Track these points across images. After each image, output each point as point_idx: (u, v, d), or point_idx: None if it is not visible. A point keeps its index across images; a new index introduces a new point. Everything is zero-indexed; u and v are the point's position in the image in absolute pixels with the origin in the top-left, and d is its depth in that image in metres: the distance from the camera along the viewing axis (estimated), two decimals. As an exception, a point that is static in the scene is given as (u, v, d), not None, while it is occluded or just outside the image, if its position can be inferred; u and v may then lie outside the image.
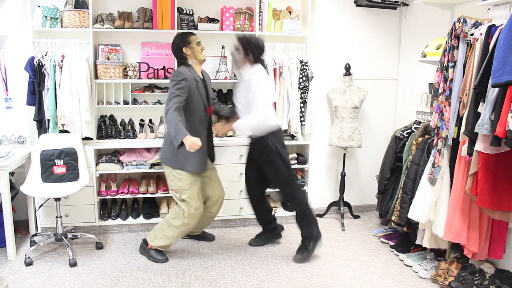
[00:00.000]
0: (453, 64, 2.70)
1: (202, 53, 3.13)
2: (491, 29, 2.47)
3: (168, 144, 3.05)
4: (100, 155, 3.73)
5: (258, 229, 3.82)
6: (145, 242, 3.24)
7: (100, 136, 3.69)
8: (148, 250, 3.20)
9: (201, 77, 3.15)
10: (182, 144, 2.73)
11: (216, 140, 3.74)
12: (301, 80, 3.80)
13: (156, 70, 3.66)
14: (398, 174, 3.38)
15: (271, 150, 3.10)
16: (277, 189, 3.34)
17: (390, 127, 4.25)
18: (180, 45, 3.07)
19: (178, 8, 3.66)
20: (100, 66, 3.55)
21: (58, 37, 3.49)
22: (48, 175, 3.26)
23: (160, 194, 3.72)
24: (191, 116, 3.02)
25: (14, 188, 3.36)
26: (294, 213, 3.33)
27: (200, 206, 3.12)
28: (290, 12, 3.94)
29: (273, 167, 3.17)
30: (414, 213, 2.91)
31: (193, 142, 2.71)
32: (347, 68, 3.98)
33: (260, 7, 3.78)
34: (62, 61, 3.38)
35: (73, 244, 3.40)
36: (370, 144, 4.20)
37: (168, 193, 3.71)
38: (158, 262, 3.15)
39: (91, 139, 3.59)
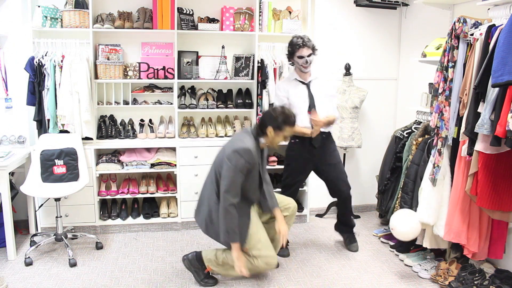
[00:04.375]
0: (453, 64, 2.70)
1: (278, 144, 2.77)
2: (491, 29, 2.47)
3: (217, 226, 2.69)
4: (100, 155, 3.73)
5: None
6: (199, 259, 2.84)
7: (100, 136, 3.69)
8: (201, 272, 2.84)
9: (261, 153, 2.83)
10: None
11: (216, 140, 3.75)
12: (301, 80, 3.80)
13: (156, 70, 3.66)
14: (398, 174, 3.38)
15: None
16: (344, 180, 3.28)
17: (390, 127, 4.24)
18: (270, 122, 2.67)
19: (178, 8, 3.66)
20: (100, 66, 3.55)
21: (58, 37, 3.49)
22: (48, 175, 3.26)
23: (160, 194, 3.72)
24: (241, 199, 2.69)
25: (14, 188, 3.36)
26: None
27: (274, 254, 2.76)
28: (290, 12, 3.94)
29: (336, 164, 3.25)
30: (421, 216, 2.88)
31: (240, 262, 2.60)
32: (347, 68, 3.99)
33: (260, 7, 3.78)
34: (62, 61, 3.38)
35: (73, 244, 3.40)
36: (370, 144, 4.20)
37: (168, 193, 3.71)
38: (208, 285, 2.84)
39: (91, 139, 3.59)
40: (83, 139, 3.49)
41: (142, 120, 3.86)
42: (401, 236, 2.92)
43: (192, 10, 3.77)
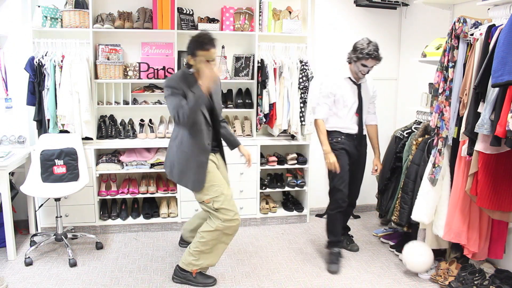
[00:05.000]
0: (453, 64, 2.70)
1: (212, 71, 2.58)
2: (491, 29, 2.47)
3: (183, 168, 2.69)
4: (100, 155, 3.73)
5: (258, 229, 3.83)
6: (182, 269, 2.84)
7: (100, 136, 3.69)
8: (192, 277, 2.82)
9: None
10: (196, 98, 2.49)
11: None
12: (301, 80, 3.80)
13: (156, 70, 3.66)
14: (398, 174, 3.38)
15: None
16: (355, 194, 3.35)
17: (390, 127, 4.24)
18: (187, 51, 2.63)
19: (178, 8, 3.66)
20: (100, 66, 3.55)
21: (58, 37, 3.49)
22: (48, 175, 3.26)
23: (160, 194, 3.72)
24: (191, 132, 2.65)
25: (14, 188, 3.36)
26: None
27: (236, 211, 2.73)
28: (290, 12, 3.94)
29: (363, 167, 3.31)
30: (417, 214, 2.90)
31: (213, 75, 2.52)
32: (347, 68, 3.98)
33: (260, 7, 3.78)
34: (62, 61, 3.38)
35: (73, 244, 3.40)
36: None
37: (168, 192, 3.71)
38: (208, 286, 2.84)
39: (91, 139, 3.59)
40: (83, 139, 3.49)
41: (142, 120, 3.86)
42: (414, 268, 2.98)
43: (192, 10, 3.77)
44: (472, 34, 2.63)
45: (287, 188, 4.02)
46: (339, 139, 3.13)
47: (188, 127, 2.62)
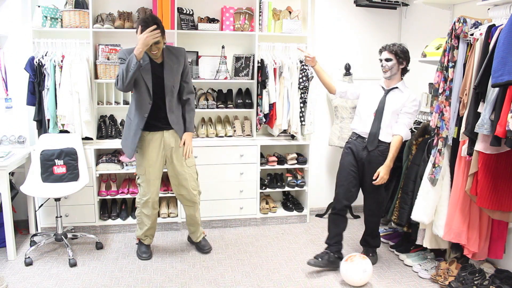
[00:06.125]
0: (453, 64, 2.70)
1: (151, 50, 2.86)
2: (491, 29, 2.47)
3: (125, 134, 3.06)
4: (100, 155, 3.73)
5: (258, 229, 3.83)
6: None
7: (100, 136, 3.69)
8: (135, 244, 3.34)
9: (160, 60, 2.97)
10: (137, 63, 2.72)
11: (216, 140, 3.75)
12: (301, 80, 3.80)
13: (156, 70, 3.66)
14: (398, 174, 3.38)
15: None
16: (370, 204, 3.10)
17: (390, 127, 4.24)
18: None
19: (178, 8, 3.66)
20: (100, 66, 3.55)
21: (58, 37, 3.49)
22: (48, 175, 3.26)
23: (160, 194, 3.71)
24: (135, 102, 2.96)
25: (14, 188, 3.36)
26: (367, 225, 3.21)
27: (148, 194, 3.09)
28: (290, 12, 3.94)
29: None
30: (417, 214, 2.90)
31: (145, 37, 2.72)
32: (347, 68, 3.98)
33: (260, 7, 3.78)
34: (62, 61, 3.38)
35: (73, 244, 3.40)
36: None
37: (168, 193, 3.71)
38: (140, 258, 3.21)
39: (91, 139, 3.59)
40: (83, 139, 3.49)
41: (142, 120, 3.85)
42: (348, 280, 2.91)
43: (192, 10, 3.77)
44: (472, 34, 2.63)
45: (287, 188, 4.02)
46: (350, 139, 3.10)
47: (124, 90, 2.86)
